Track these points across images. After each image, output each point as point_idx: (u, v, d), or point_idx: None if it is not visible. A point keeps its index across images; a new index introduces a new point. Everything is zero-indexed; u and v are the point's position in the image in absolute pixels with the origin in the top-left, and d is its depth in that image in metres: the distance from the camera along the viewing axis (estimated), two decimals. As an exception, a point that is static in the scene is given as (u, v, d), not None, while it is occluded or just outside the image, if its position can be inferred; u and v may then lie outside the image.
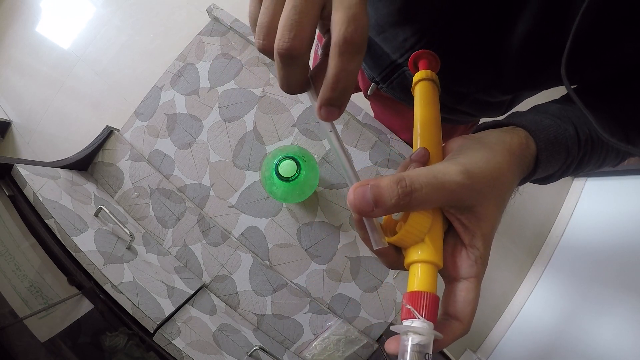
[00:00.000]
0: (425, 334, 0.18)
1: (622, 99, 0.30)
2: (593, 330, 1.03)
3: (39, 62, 1.59)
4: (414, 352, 0.18)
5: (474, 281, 0.21)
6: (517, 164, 0.23)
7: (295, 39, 0.17)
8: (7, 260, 0.45)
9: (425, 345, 0.18)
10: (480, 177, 0.20)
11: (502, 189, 0.21)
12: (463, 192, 0.19)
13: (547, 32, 0.28)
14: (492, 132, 0.24)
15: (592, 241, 1.26)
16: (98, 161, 0.60)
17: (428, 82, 0.28)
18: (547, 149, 0.25)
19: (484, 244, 0.21)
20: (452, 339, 0.20)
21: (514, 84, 0.35)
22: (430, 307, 0.19)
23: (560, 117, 0.27)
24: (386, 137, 0.57)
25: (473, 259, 0.21)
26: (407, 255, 0.21)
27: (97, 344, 0.44)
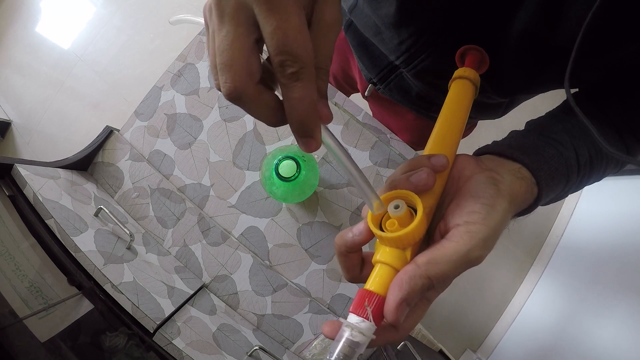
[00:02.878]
0: (367, 335, 0.19)
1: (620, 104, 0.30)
2: (593, 331, 1.03)
3: (39, 62, 1.59)
4: (350, 348, 0.19)
5: (425, 302, 0.22)
6: (514, 212, 0.23)
7: (230, 82, 0.17)
8: (7, 260, 0.45)
9: (361, 345, 0.19)
10: (492, 243, 0.21)
11: (497, 239, 0.22)
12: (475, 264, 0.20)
13: (543, 33, 0.28)
14: (504, 173, 0.23)
15: (592, 241, 1.26)
16: (98, 161, 0.60)
17: (466, 82, 0.27)
18: (548, 185, 0.25)
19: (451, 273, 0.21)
20: (382, 342, 0.21)
21: (511, 86, 0.35)
22: (381, 312, 0.20)
23: (563, 143, 0.27)
24: (386, 137, 0.57)
25: (437, 287, 0.21)
26: (382, 253, 0.21)
27: (97, 344, 0.44)
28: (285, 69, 0.16)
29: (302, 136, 0.18)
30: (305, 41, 0.16)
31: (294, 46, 0.16)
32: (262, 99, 0.18)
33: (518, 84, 0.34)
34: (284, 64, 0.16)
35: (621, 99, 0.30)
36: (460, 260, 0.19)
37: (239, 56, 0.17)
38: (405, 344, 0.63)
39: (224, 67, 0.17)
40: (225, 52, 0.17)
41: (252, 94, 0.17)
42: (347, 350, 0.19)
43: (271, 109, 0.18)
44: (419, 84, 0.42)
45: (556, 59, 0.29)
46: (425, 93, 0.43)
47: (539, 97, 0.42)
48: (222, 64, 0.17)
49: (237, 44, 0.16)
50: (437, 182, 0.22)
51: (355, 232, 0.22)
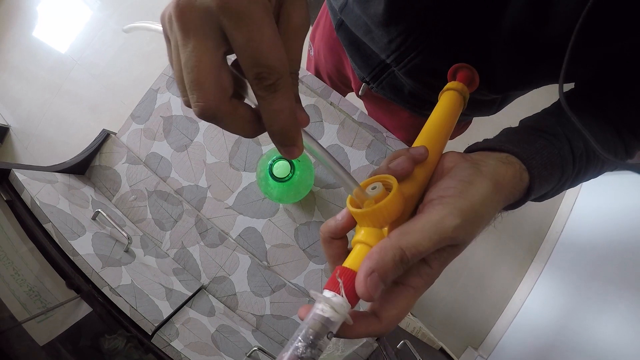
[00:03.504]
0: (339, 312, 0.18)
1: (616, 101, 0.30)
2: (594, 327, 1.03)
3: (36, 67, 1.59)
4: (321, 324, 0.18)
5: (411, 291, 0.20)
6: (503, 198, 0.22)
7: (203, 101, 0.16)
8: (6, 265, 0.45)
9: (334, 323, 0.18)
10: (472, 222, 0.20)
11: (482, 226, 0.21)
12: (454, 242, 0.19)
13: (532, 29, 0.28)
14: (488, 159, 0.24)
15: (592, 237, 1.26)
16: (95, 165, 0.60)
17: (456, 93, 0.28)
18: (540, 175, 0.24)
19: (440, 268, 0.20)
20: (362, 332, 0.20)
21: (503, 83, 0.35)
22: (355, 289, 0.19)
23: (555, 135, 0.26)
24: (382, 135, 0.57)
25: (422, 272, 0.20)
26: (360, 233, 0.21)
27: (96, 347, 0.45)
28: (261, 82, 0.16)
29: (284, 145, 0.18)
30: (279, 52, 0.16)
31: (269, 58, 0.15)
32: (237, 114, 0.17)
33: (510, 80, 0.34)
34: (260, 76, 0.16)
35: (618, 96, 0.30)
36: (433, 229, 0.18)
37: (209, 73, 0.16)
38: (404, 343, 0.63)
39: (194, 86, 0.16)
40: (194, 70, 0.16)
41: (226, 111, 0.17)
42: (317, 327, 0.18)
43: (247, 122, 0.18)
44: (411, 82, 0.42)
45: (547, 55, 0.29)
46: (418, 91, 0.44)
47: (536, 93, 0.42)
48: (192, 82, 0.16)
49: (205, 59, 0.15)
50: (419, 173, 0.22)
51: (338, 218, 0.22)
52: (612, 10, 0.24)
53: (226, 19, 0.15)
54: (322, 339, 0.18)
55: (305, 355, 0.17)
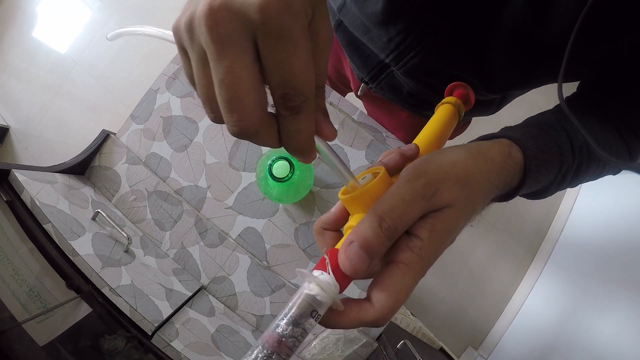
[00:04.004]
0: (326, 290, 0.17)
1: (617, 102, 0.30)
2: (594, 327, 1.03)
3: (36, 67, 1.59)
4: (306, 302, 0.17)
5: (403, 268, 0.18)
6: (494, 171, 0.22)
7: (245, 119, 0.15)
8: (6, 265, 0.45)
9: (320, 302, 0.17)
10: (445, 182, 0.19)
11: (472, 190, 0.20)
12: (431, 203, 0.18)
13: (532, 29, 0.28)
14: (473, 142, 0.24)
15: (592, 236, 1.26)
16: (95, 165, 0.60)
17: (451, 107, 0.28)
18: (537, 157, 0.24)
19: (432, 239, 0.18)
20: (354, 320, 0.18)
21: (502, 83, 0.35)
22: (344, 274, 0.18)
23: (552, 126, 0.27)
24: (382, 135, 0.57)
25: (411, 246, 0.18)
26: (350, 219, 0.21)
27: (96, 347, 0.45)
28: (286, 102, 0.15)
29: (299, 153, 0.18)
30: (310, 75, 0.15)
31: (299, 82, 0.15)
32: (272, 130, 0.17)
33: (509, 80, 0.34)
34: (286, 97, 0.15)
35: (618, 97, 0.30)
36: (403, 190, 0.18)
37: (250, 91, 0.15)
38: (404, 343, 0.64)
39: (233, 105, 0.15)
40: (233, 87, 0.15)
41: (265, 129, 0.16)
42: (302, 305, 0.17)
43: (277, 136, 0.17)
44: (410, 82, 0.42)
45: (546, 54, 0.29)
46: (417, 91, 0.44)
47: (536, 92, 0.42)
48: (230, 100, 0.15)
49: (245, 76, 0.15)
50: None
51: (331, 210, 0.22)
52: (611, 9, 0.24)
53: (265, 35, 0.14)
54: (307, 318, 0.17)
55: (286, 334, 0.16)
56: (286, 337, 0.16)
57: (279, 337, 0.16)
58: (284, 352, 0.16)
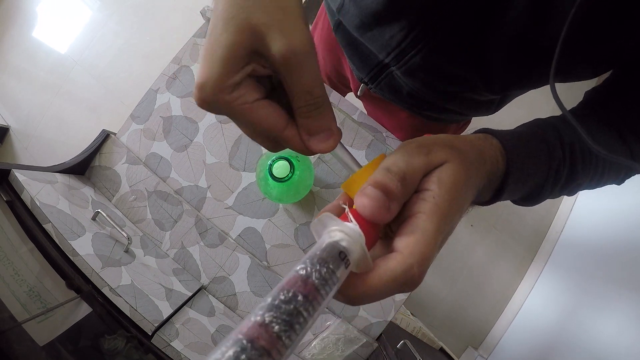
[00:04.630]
0: (351, 236, 0.15)
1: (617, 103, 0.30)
2: (594, 327, 1.03)
3: (36, 67, 1.59)
4: (329, 246, 0.15)
5: (421, 216, 0.17)
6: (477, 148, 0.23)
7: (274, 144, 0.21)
8: (6, 265, 0.45)
9: (347, 249, 0.15)
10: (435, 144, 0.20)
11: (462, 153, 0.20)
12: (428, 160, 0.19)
13: (532, 29, 0.28)
14: None
15: (592, 236, 1.26)
16: (95, 165, 0.60)
17: None
18: (518, 147, 0.24)
19: (440, 187, 0.18)
20: (386, 276, 0.16)
21: (502, 83, 0.35)
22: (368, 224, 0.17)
23: (538, 125, 0.27)
24: (382, 135, 0.57)
25: (424, 197, 0.18)
26: None
27: (96, 347, 0.45)
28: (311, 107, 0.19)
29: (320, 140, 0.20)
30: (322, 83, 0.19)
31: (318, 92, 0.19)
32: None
33: (509, 79, 0.34)
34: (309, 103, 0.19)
35: (619, 99, 0.30)
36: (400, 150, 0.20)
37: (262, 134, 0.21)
38: (404, 343, 0.64)
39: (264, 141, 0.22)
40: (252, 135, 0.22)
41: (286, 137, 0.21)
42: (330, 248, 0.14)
43: None
44: (410, 82, 0.42)
45: (547, 55, 0.29)
46: (416, 91, 0.44)
47: (536, 92, 0.42)
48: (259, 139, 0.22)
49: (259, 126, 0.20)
50: None
51: (332, 202, 0.22)
52: (610, 9, 0.24)
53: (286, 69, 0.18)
54: (337, 262, 0.14)
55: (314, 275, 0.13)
56: (315, 278, 0.13)
57: (303, 277, 0.13)
58: (312, 295, 0.12)
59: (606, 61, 0.29)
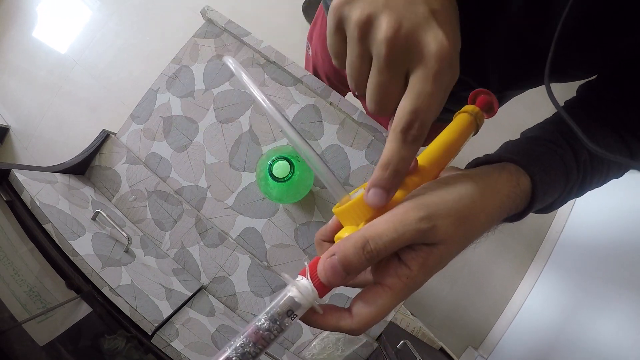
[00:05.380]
0: (303, 293, 0.19)
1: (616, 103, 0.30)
2: (594, 327, 1.03)
3: (36, 67, 1.59)
4: (285, 303, 0.19)
5: (388, 291, 0.19)
6: (499, 205, 0.21)
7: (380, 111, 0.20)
8: (6, 265, 0.45)
9: (298, 305, 0.19)
10: (444, 219, 0.19)
11: (470, 229, 0.20)
12: (424, 236, 0.19)
13: (529, 33, 0.28)
14: (483, 169, 0.24)
15: (592, 236, 1.26)
16: (95, 165, 0.60)
17: (468, 116, 0.28)
18: (544, 181, 0.24)
19: (421, 271, 0.19)
20: (331, 324, 0.20)
21: (499, 83, 0.35)
22: None
23: (556, 142, 0.26)
24: (382, 135, 0.57)
25: (400, 273, 0.19)
26: (341, 231, 0.22)
27: (96, 347, 0.45)
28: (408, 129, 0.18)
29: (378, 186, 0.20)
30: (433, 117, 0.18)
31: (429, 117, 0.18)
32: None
33: (506, 80, 0.34)
34: (410, 125, 0.18)
35: (617, 99, 0.30)
36: (397, 220, 0.18)
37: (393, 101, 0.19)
38: (404, 343, 0.64)
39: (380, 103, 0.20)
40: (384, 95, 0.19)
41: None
42: (283, 305, 0.19)
43: None
44: None
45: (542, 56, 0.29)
46: None
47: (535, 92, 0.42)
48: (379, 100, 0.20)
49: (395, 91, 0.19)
50: (411, 181, 0.23)
51: (328, 222, 0.24)
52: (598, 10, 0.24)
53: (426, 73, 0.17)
54: (284, 317, 0.19)
55: (263, 327, 0.19)
56: (263, 330, 0.19)
57: (256, 329, 0.19)
58: (260, 343, 0.19)
59: (602, 61, 0.29)
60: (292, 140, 0.21)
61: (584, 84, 0.33)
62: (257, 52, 0.59)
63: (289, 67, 0.58)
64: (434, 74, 0.17)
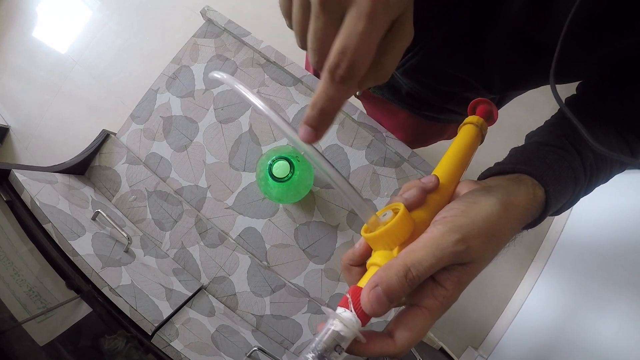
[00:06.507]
0: (348, 326, 0.19)
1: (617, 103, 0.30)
2: (595, 327, 1.03)
3: (36, 67, 1.59)
4: (329, 337, 0.19)
5: (425, 312, 0.20)
6: (519, 218, 0.22)
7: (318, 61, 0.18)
8: (6, 265, 0.45)
9: (344, 338, 0.19)
10: (476, 238, 0.20)
11: (498, 244, 0.21)
12: (459, 258, 0.20)
13: (531, 30, 0.28)
14: (499, 181, 0.24)
15: (593, 236, 1.26)
16: (95, 165, 0.60)
17: (473, 127, 0.29)
18: (556, 190, 0.24)
19: (456, 289, 0.20)
20: (375, 351, 0.20)
21: (500, 84, 0.35)
22: None
23: (564, 147, 0.27)
24: (382, 135, 0.57)
25: (436, 294, 0.20)
26: (373, 255, 0.22)
27: (96, 347, 0.45)
28: (336, 69, 0.17)
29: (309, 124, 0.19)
30: (367, 58, 0.17)
31: (356, 56, 0.17)
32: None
33: (508, 80, 0.34)
34: (338, 65, 0.17)
35: (619, 98, 0.30)
36: (434, 245, 0.19)
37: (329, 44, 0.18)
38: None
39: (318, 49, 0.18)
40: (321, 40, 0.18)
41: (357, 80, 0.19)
42: (327, 340, 0.19)
43: None
44: (408, 83, 0.42)
45: (545, 55, 0.29)
46: (415, 91, 0.43)
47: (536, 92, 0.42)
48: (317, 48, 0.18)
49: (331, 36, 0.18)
50: (432, 199, 0.23)
51: (356, 246, 0.23)
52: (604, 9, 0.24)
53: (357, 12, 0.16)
54: (331, 352, 0.19)
55: None
56: None
57: None
58: None
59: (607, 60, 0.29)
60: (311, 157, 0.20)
61: (584, 82, 0.33)
62: (257, 52, 0.59)
63: (289, 67, 0.58)
64: (367, 14, 0.16)
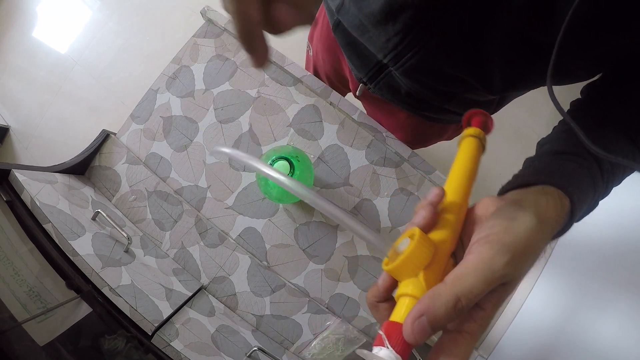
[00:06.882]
0: None
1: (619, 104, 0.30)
2: (595, 327, 1.03)
3: (36, 67, 1.59)
4: None
5: (467, 337, 0.19)
6: (550, 230, 0.22)
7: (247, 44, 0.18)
8: (6, 265, 0.45)
9: None
10: (521, 255, 0.19)
11: (535, 259, 0.21)
12: (506, 279, 0.19)
13: (530, 30, 0.28)
14: (527, 195, 0.24)
15: (593, 236, 1.26)
16: (95, 165, 0.60)
17: (474, 140, 0.29)
18: (579, 199, 0.24)
19: (494, 309, 0.20)
20: None
21: (500, 84, 0.35)
22: (404, 341, 0.18)
23: (580, 154, 0.26)
24: (382, 135, 0.57)
25: (476, 317, 0.19)
26: (399, 286, 0.21)
27: (96, 347, 0.45)
28: None
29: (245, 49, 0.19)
30: None
31: None
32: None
33: (508, 81, 0.34)
34: None
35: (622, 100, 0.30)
36: (485, 269, 0.18)
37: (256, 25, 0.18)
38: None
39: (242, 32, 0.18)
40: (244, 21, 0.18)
41: None
42: None
43: None
44: (408, 82, 0.42)
45: (544, 55, 0.29)
46: (415, 91, 0.43)
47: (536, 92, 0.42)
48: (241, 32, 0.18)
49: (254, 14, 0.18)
50: (448, 217, 0.23)
51: (379, 282, 0.23)
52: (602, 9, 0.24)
53: None
54: None
55: None
56: None
57: None
58: None
59: (607, 59, 0.29)
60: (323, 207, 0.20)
61: (588, 86, 0.33)
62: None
63: (289, 67, 0.58)
64: None
